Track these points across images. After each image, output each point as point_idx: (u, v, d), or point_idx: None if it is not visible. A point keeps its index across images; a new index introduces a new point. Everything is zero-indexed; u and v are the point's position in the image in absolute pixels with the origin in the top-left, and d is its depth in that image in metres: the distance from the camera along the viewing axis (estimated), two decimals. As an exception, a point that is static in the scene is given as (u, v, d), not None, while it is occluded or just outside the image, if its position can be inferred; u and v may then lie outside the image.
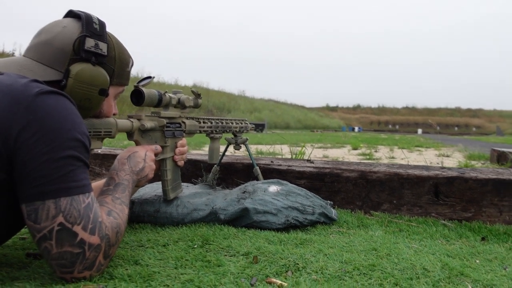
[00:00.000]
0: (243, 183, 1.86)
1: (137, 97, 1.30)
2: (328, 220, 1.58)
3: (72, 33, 1.05)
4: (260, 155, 4.82)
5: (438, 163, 5.03)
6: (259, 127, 20.55)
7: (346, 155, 6.18)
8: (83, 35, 1.03)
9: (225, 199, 1.57)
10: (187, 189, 1.72)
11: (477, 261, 1.27)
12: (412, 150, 8.16)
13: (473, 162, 4.97)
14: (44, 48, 1.04)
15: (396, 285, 1.03)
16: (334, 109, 64.23)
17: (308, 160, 2.09)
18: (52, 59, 1.03)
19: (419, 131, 42.32)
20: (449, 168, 1.85)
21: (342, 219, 1.65)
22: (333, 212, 1.62)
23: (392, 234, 1.50)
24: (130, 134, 1.30)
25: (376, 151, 7.04)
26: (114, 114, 1.24)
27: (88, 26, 1.06)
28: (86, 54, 1.04)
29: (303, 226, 1.52)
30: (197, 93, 1.56)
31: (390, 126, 52.53)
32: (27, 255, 1.17)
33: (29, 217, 0.88)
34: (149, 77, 1.35)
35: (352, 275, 1.09)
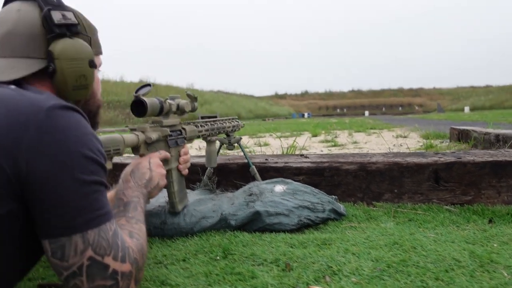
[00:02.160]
0: (242, 184, 1.80)
1: (139, 108, 1.20)
2: (338, 216, 1.56)
3: (32, 13, 0.92)
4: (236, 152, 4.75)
5: (401, 144, 5.19)
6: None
7: (309, 143, 6.23)
8: (47, 10, 0.90)
9: (232, 204, 1.51)
10: (188, 195, 1.64)
11: (495, 244, 1.29)
12: (369, 133, 8.35)
13: (431, 141, 5.16)
14: (10, 40, 0.90)
15: (437, 280, 1.02)
16: (283, 96, 64.90)
17: (302, 155, 2.06)
18: (25, 49, 0.90)
19: (366, 113, 43.72)
20: (444, 153, 1.89)
21: (349, 213, 1.63)
22: (341, 207, 1.60)
23: (404, 225, 1.50)
24: (136, 149, 1.20)
25: (336, 137, 7.15)
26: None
27: None
28: (59, 29, 0.91)
29: (315, 224, 1.49)
30: (193, 96, 1.47)
31: (338, 110, 53.84)
32: (39, 286, 1.06)
33: (54, 255, 0.78)
34: (148, 85, 1.25)
35: (390, 273, 1.07)
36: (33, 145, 0.75)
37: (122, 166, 1.26)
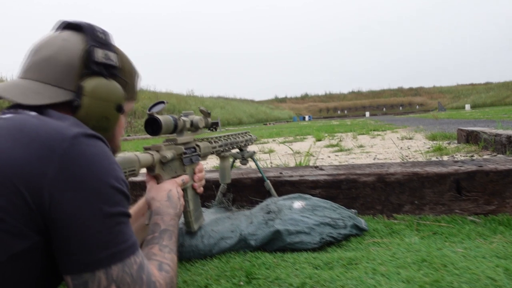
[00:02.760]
0: (258, 200, 1.76)
1: (153, 126, 1.16)
2: (359, 231, 1.51)
3: (77, 45, 0.90)
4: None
5: (408, 147, 5.13)
6: (213, 126, 20.33)
7: (314, 148, 6.18)
8: (91, 46, 0.89)
9: (251, 223, 1.46)
10: (203, 214, 1.59)
11: (528, 259, 1.24)
12: (373, 135, 8.30)
13: (438, 143, 5.10)
14: (47, 65, 0.88)
15: (476, 303, 0.98)
16: (283, 100, 64.85)
17: (317, 167, 2.01)
18: (58, 77, 0.87)
19: (367, 114, 43.67)
20: (464, 161, 1.84)
21: (370, 227, 1.58)
22: (362, 222, 1.55)
23: (429, 239, 1.45)
24: (151, 169, 1.16)
25: (340, 141, 7.09)
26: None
27: (93, 35, 0.91)
28: (97, 67, 0.89)
29: (338, 241, 1.44)
30: (206, 111, 1.43)
31: (339, 112, 53.78)
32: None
33: None
34: (162, 102, 1.21)
35: (425, 296, 1.02)
36: (57, 176, 0.71)
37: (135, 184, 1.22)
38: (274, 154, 5.45)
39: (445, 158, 3.62)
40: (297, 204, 1.52)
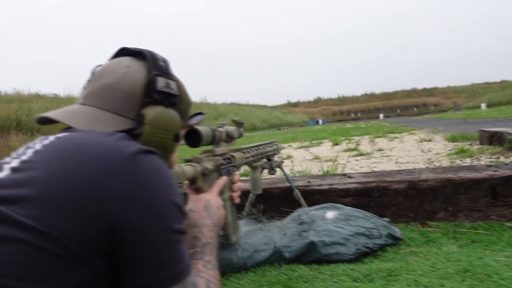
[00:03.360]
0: (289, 211, 1.74)
1: (193, 138, 1.15)
2: (395, 241, 1.48)
3: (138, 73, 0.89)
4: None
5: (429, 150, 5.06)
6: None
7: (332, 152, 6.14)
8: (154, 74, 0.88)
9: (284, 234, 1.44)
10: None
11: None
12: (390, 138, 8.22)
13: (459, 144, 5.03)
14: (108, 92, 0.87)
15: (529, 316, 0.94)
16: (296, 104, 64.77)
17: (345, 175, 1.98)
18: (120, 105, 0.87)
19: (381, 116, 43.36)
20: (498, 166, 1.79)
21: (405, 236, 1.55)
22: (397, 231, 1.52)
23: (468, 247, 1.42)
24: (193, 181, 1.14)
25: (358, 145, 7.04)
26: None
27: (155, 63, 0.90)
28: (158, 96, 0.88)
29: (373, 252, 1.42)
30: (239, 121, 1.41)
31: (352, 115, 53.49)
32: None
33: None
34: (201, 113, 1.20)
35: (473, 310, 0.99)
36: (123, 194, 0.69)
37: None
38: (293, 160, 5.42)
39: (469, 160, 3.55)
40: (330, 214, 1.50)
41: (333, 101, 64.91)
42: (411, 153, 5.00)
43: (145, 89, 0.88)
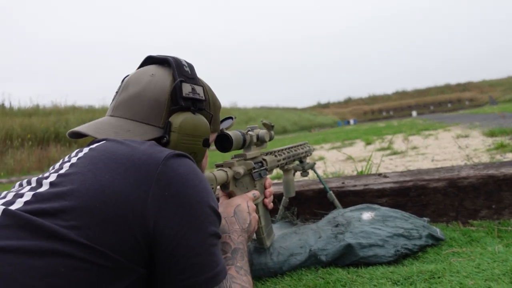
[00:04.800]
0: (323, 213, 1.70)
1: (224, 142, 1.14)
2: (435, 241, 1.42)
3: (164, 81, 0.89)
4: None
5: (466, 146, 4.90)
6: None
7: (365, 152, 6.03)
8: (179, 81, 0.87)
9: (319, 237, 1.41)
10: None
11: None
12: (425, 135, 8.01)
13: (499, 139, 4.84)
14: (135, 102, 0.88)
15: None
16: (326, 105, 64.29)
17: (381, 175, 1.93)
18: (147, 114, 0.87)
19: (414, 113, 42.42)
20: (543, 160, 1.71)
21: (447, 236, 1.49)
22: (438, 231, 1.46)
23: (516, 247, 1.35)
24: (225, 186, 1.13)
25: (391, 143, 6.89)
26: None
27: (180, 70, 0.90)
28: (185, 102, 0.88)
29: (413, 253, 1.36)
30: (270, 124, 1.40)
31: (384, 113, 52.60)
32: None
33: None
34: (231, 118, 1.19)
35: (525, 313, 0.93)
36: (157, 199, 0.70)
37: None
38: (326, 161, 5.36)
39: (511, 155, 3.41)
40: (366, 215, 1.46)
41: (363, 101, 64.07)
42: (448, 150, 4.85)
43: (171, 96, 0.88)
